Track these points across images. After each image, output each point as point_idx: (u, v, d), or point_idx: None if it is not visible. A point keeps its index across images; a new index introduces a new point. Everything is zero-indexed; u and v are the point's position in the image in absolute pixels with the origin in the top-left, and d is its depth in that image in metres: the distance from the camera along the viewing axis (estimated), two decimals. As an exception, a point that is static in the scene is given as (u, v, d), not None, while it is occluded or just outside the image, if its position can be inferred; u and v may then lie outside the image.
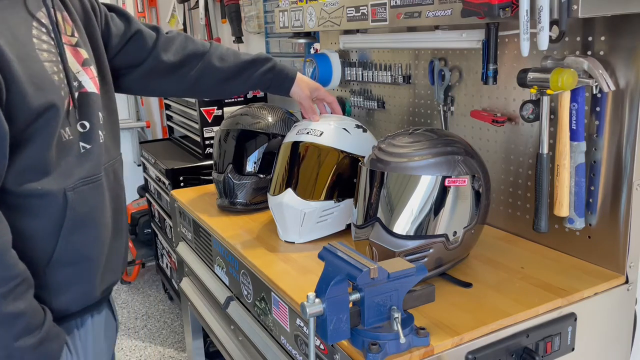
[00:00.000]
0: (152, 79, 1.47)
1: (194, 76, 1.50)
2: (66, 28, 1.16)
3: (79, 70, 1.15)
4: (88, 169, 1.13)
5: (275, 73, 1.55)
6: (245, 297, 1.49)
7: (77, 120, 1.13)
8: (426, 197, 1.18)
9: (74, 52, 1.16)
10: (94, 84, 1.18)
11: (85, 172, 1.12)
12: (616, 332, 1.26)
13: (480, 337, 1.04)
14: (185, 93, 1.61)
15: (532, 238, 1.43)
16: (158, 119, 4.53)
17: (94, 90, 1.17)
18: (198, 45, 1.51)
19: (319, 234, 1.50)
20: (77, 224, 1.11)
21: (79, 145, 1.13)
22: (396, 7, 1.40)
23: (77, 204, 1.10)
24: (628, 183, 1.20)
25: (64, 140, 1.09)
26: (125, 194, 1.31)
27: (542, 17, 1.06)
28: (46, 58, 1.07)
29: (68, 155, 1.10)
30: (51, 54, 1.09)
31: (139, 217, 3.64)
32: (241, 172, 1.74)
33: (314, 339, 0.95)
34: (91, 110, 1.16)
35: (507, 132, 1.47)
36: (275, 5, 2.09)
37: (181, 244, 2.02)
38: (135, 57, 1.42)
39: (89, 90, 1.16)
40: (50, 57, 1.08)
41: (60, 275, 1.12)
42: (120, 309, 3.40)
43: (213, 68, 1.50)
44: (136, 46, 1.41)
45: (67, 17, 1.17)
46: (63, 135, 1.09)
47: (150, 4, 4.41)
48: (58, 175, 1.08)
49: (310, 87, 1.59)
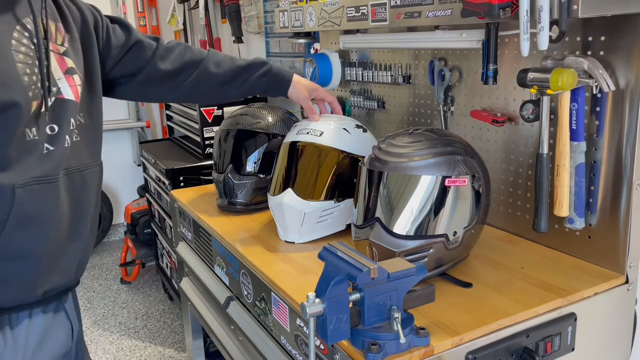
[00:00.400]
0: (149, 86, 1.50)
1: (190, 83, 1.52)
2: (57, 37, 1.20)
3: (61, 78, 1.18)
4: (45, 169, 1.14)
5: (272, 76, 1.57)
6: (245, 297, 1.49)
7: (47, 123, 1.15)
8: (426, 197, 1.18)
9: (60, 59, 1.19)
10: (73, 92, 1.20)
11: (41, 172, 1.13)
12: (616, 332, 1.26)
13: (480, 337, 1.04)
14: (182, 99, 1.64)
15: (532, 238, 1.43)
16: (158, 119, 4.54)
17: (71, 98, 1.20)
18: (195, 53, 1.54)
19: (319, 234, 1.50)
20: (23, 221, 1.11)
21: (44, 146, 1.14)
22: (396, 7, 1.40)
23: (24, 201, 1.11)
24: (628, 183, 1.20)
25: (27, 140, 1.12)
26: (95, 201, 1.30)
27: (542, 17, 1.06)
28: (21, 59, 1.11)
29: (29, 154, 1.12)
30: (28, 57, 1.12)
31: (139, 217, 3.63)
32: (241, 172, 1.74)
33: (314, 339, 0.95)
34: (64, 115, 1.18)
35: (507, 132, 1.47)
36: (275, 5, 2.09)
37: (181, 244, 2.02)
38: (133, 67, 1.45)
39: (66, 97, 1.19)
40: (26, 59, 1.12)
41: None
42: (120, 309, 3.40)
43: (209, 74, 1.53)
44: (135, 56, 1.44)
45: (61, 27, 1.22)
46: (27, 135, 1.12)
47: (150, 4, 4.40)
48: (11, 172, 1.09)
49: (308, 88, 1.61)
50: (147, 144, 3.44)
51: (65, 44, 1.22)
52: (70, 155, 1.20)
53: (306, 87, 1.60)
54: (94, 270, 3.96)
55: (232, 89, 1.57)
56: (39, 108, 1.13)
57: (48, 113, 1.14)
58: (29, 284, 1.17)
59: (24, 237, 1.13)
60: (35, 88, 1.12)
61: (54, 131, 1.16)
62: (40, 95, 1.13)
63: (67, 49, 1.22)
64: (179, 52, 1.52)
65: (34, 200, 1.13)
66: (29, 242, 1.14)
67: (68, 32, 1.24)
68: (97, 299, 3.54)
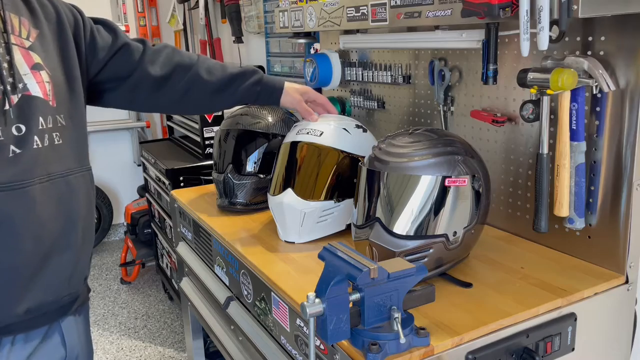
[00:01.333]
0: (139, 92, 1.43)
1: (181, 89, 1.46)
2: (21, 30, 1.13)
3: (27, 73, 1.10)
4: (11, 175, 1.06)
5: (263, 85, 1.54)
6: (245, 297, 1.49)
7: (13, 122, 1.07)
8: (426, 197, 1.18)
9: (25, 54, 1.12)
10: (41, 88, 1.12)
11: (5, 177, 1.05)
12: (616, 332, 1.26)
13: (480, 337, 1.04)
14: (173, 107, 1.56)
15: (532, 238, 1.43)
16: (158, 119, 4.54)
17: (39, 95, 1.11)
18: (185, 57, 1.48)
19: (319, 234, 1.50)
20: None
21: (9, 148, 1.07)
22: (396, 7, 1.40)
23: None
24: (628, 183, 1.20)
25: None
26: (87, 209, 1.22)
27: (542, 17, 1.06)
28: None
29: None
30: None
31: (139, 217, 3.63)
32: (241, 172, 1.74)
33: (314, 339, 0.95)
34: (31, 114, 1.10)
35: (507, 132, 1.47)
36: (275, 5, 2.09)
37: (181, 244, 2.02)
38: (121, 70, 1.38)
39: (33, 94, 1.11)
40: None
41: None
42: (120, 309, 3.40)
43: (201, 80, 1.47)
44: (123, 59, 1.38)
45: (25, 21, 1.15)
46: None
47: (150, 4, 4.40)
48: None
49: (299, 91, 1.58)
50: (147, 144, 3.44)
51: (31, 39, 1.14)
52: (50, 159, 1.12)
53: (298, 91, 1.57)
54: (94, 270, 3.96)
55: (224, 97, 1.52)
56: (1, 105, 1.05)
57: (13, 110, 1.06)
58: (4, 299, 1.08)
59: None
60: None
61: (20, 132, 1.08)
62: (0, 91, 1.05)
63: (33, 44, 1.14)
64: (167, 54, 1.46)
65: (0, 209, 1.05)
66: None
67: (36, 27, 1.16)
68: (97, 299, 3.54)
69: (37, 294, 1.12)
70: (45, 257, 1.12)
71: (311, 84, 2.07)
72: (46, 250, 1.12)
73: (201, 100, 1.51)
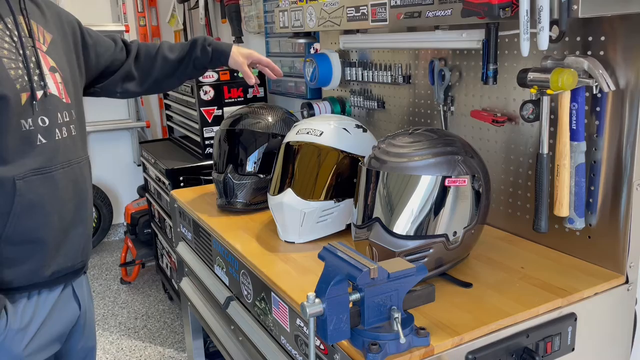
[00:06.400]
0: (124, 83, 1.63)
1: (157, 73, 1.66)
2: (39, 36, 1.32)
3: (47, 74, 1.30)
4: (40, 161, 1.25)
5: (214, 46, 1.67)
6: (245, 297, 1.49)
7: (39, 114, 1.26)
8: (426, 197, 1.18)
9: (44, 57, 1.31)
10: (57, 88, 1.32)
11: (36, 164, 1.25)
12: (616, 332, 1.26)
13: (480, 337, 1.04)
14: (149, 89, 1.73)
15: (532, 238, 1.43)
16: (158, 119, 4.53)
17: (56, 94, 1.31)
18: (150, 46, 1.69)
19: (319, 234, 1.50)
20: (26, 210, 1.24)
21: (38, 137, 1.25)
22: (396, 7, 1.40)
23: (25, 192, 1.23)
24: (628, 183, 1.20)
25: (23, 130, 1.23)
26: (90, 190, 1.43)
27: (542, 17, 1.06)
28: (5, 55, 1.21)
29: (25, 144, 1.23)
30: (12, 52, 1.23)
31: (139, 217, 3.63)
32: (241, 172, 1.74)
33: (314, 339, 0.95)
34: (52, 109, 1.29)
35: (507, 132, 1.47)
36: (275, 5, 2.09)
37: (181, 244, 2.02)
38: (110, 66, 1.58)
39: (53, 93, 1.30)
40: (9, 54, 1.22)
41: (9, 252, 1.24)
42: (120, 309, 3.40)
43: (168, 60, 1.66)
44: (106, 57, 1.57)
45: (42, 29, 1.34)
46: (23, 125, 1.23)
47: (150, 4, 4.40)
48: (11, 165, 1.21)
49: (243, 54, 1.70)
50: (147, 144, 3.44)
51: (47, 44, 1.33)
52: (68, 148, 1.32)
53: (242, 54, 1.69)
54: (94, 270, 3.96)
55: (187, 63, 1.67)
56: (31, 99, 1.24)
57: (39, 104, 1.25)
58: (38, 266, 1.29)
59: (30, 224, 1.25)
60: (22, 81, 1.23)
61: (45, 123, 1.27)
62: (28, 87, 1.23)
63: (49, 49, 1.33)
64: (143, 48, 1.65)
65: (34, 191, 1.24)
66: (33, 229, 1.26)
67: (50, 33, 1.35)
68: (97, 299, 3.54)
69: (60, 261, 1.34)
70: (65, 231, 1.33)
71: (311, 84, 2.07)
72: (66, 225, 1.33)
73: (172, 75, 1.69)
